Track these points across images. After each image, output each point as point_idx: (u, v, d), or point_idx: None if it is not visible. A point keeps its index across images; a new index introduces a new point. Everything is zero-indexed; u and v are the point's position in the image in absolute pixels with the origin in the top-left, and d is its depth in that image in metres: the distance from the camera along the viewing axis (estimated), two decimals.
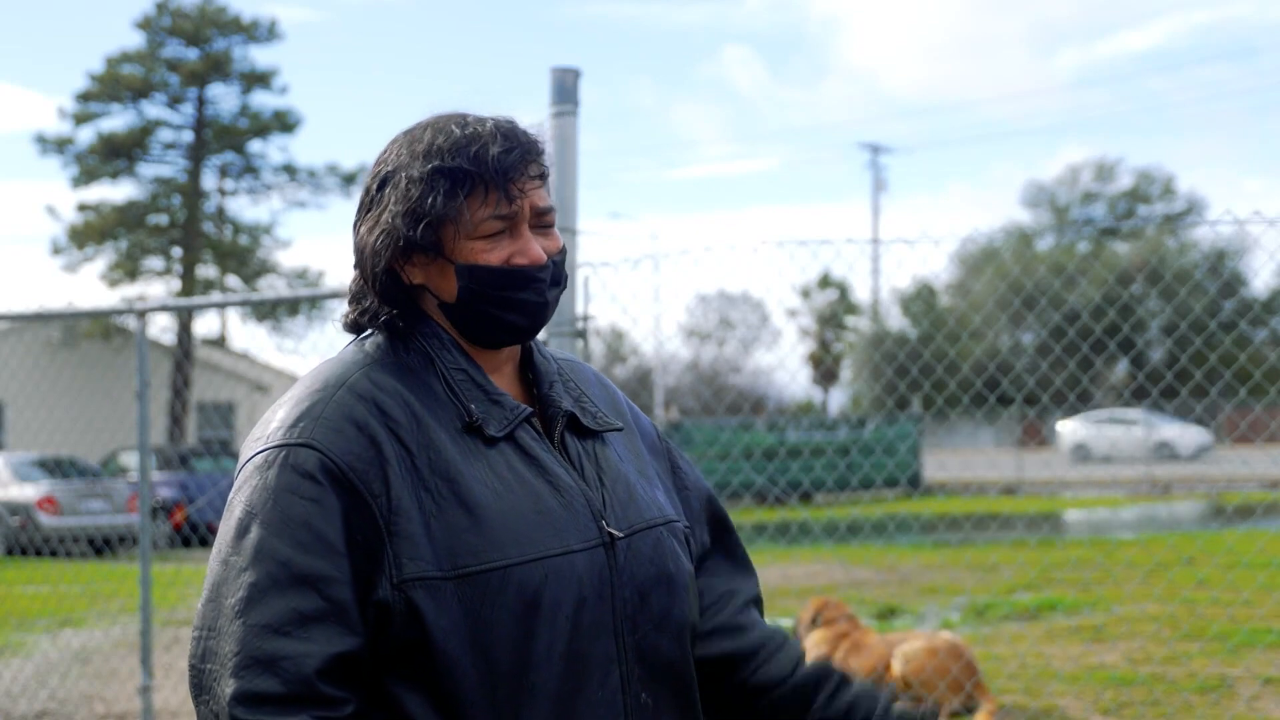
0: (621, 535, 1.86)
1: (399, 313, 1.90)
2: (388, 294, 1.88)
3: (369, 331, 1.94)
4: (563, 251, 1.92)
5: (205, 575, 1.78)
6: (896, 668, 7.31)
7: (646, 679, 1.86)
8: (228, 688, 1.67)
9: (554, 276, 1.90)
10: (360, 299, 1.93)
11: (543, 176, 1.89)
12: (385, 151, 1.90)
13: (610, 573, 1.84)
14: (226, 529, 1.76)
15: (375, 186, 1.88)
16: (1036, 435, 40.12)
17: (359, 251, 1.89)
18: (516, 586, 1.75)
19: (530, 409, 1.88)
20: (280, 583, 1.70)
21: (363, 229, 1.88)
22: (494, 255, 1.85)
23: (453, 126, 1.86)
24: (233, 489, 1.80)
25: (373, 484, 1.74)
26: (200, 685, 1.71)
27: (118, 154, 35.77)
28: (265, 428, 1.82)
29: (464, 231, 1.84)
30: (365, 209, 1.89)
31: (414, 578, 1.72)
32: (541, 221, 1.89)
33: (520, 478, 1.82)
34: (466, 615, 1.73)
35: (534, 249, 1.86)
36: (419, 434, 1.79)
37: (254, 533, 1.72)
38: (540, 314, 1.89)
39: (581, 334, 4.67)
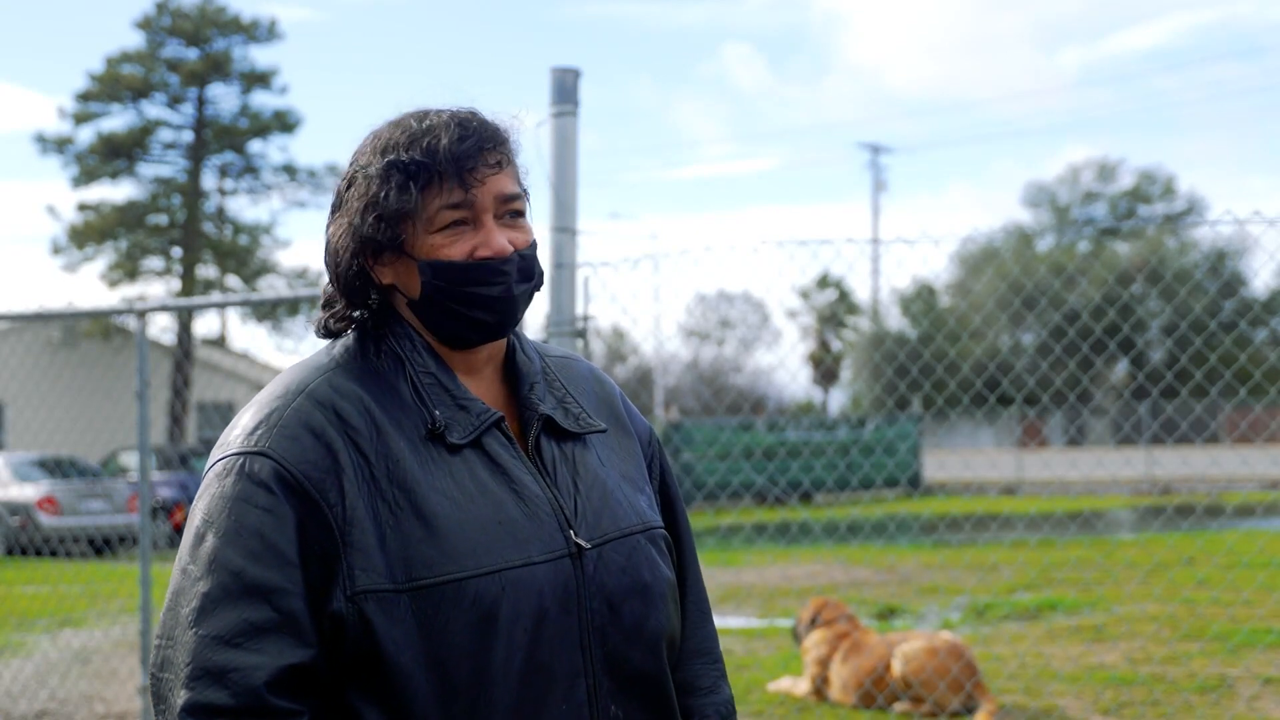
0: (589, 546, 1.81)
1: (371, 314, 1.87)
2: (357, 295, 1.86)
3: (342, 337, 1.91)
4: (533, 245, 1.87)
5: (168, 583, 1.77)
6: (896, 668, 7.31)
7: (616, 692, 1.82)
8: (180, 698, 1.66)
9: (523, 270, 1.85)
10: (332, 303, 1.90)
11: (502, 163, 1.84)
12: (355, 153, 1.88)
13: (577, 584, 1.79)
14: (186, 537, 1.75)
15: (344, 188, 1.86)
16: (1036, 435, 40.11)
17: (326, 253, 1.87)
18: (472, 599, 1.71)
19: (498, 414, 1.83)
20: (232, 593, 1.67)
21: (330, 231, 1.86)
22: (455, 249, 1.81)
23: (411, 121, 1.83)
24: (195, 496, 1.78)
25: (328, 493, 1.71)
26: (159, 694, 1.70)
27: (118, 154, 35.75)
28: (228, 434, 1.80)
29: (423, 226, 1.81)
30: (334, 211, 1.87)
31: (366, 590, 1.70)
32: (508, 209, 1.84)
33: (483, 486, 1.78)
34: (421, 628, 1.70)
35: (497, 240, 1.82)
36: (378, 442, 1.76)
37: (209, 542, 1.71)
38: (508, 309, 1.84)
39: (581, 334, 4.67)
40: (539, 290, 1.91)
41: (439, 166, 1.79)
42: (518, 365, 1.92)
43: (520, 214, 1.86)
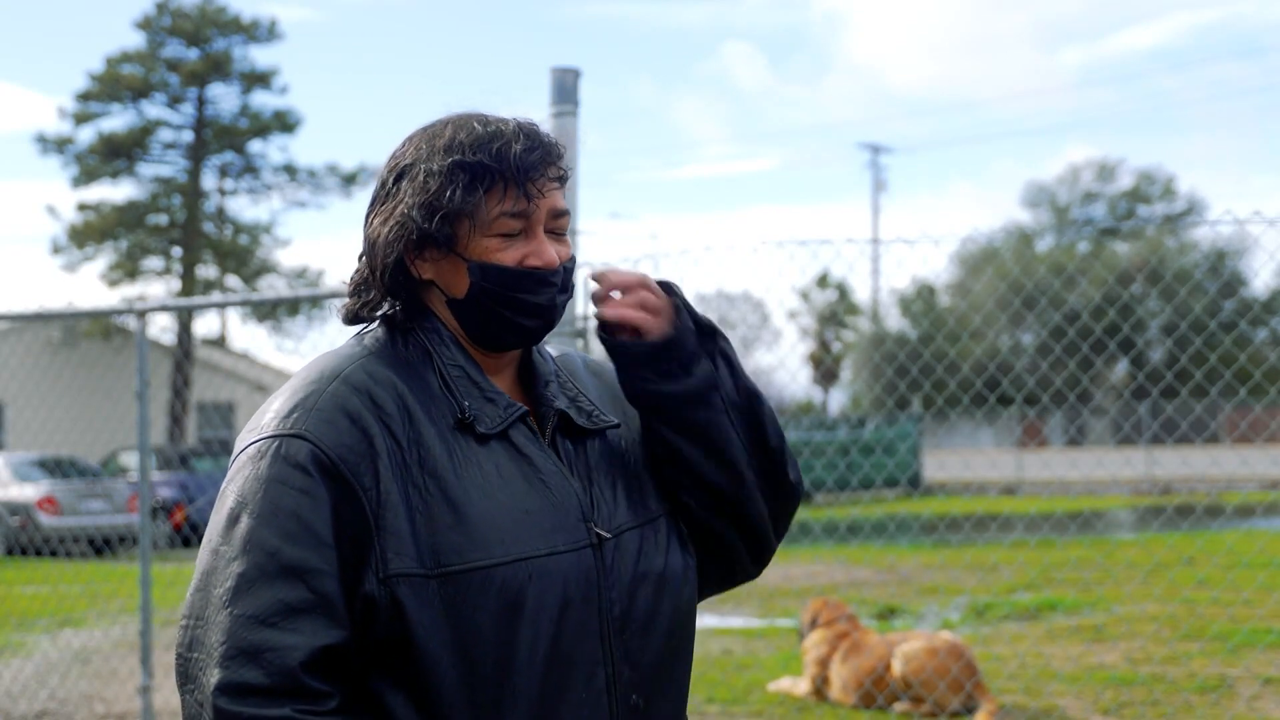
0: (610, 536, 1.85)
1: (402, 307, 1.89)
2: (394, 287, 1.87)
3: (369, 326, 1.93)
4: (573, 259, 1.93)
5: (195, 563, 1.77)
6: (897, 668, 7.31)
7: (636, 680, 1.85)
8: (213, 677, 1.67)
9: (564, 283, 1.90)
10: (363, 291, 1.91)
11: (562, 180, 1.88)
12: (403, 146, 1.90)
13: (598, 574, 1.82)
14: (218, 518, 1.76)
15: (391, 179, 1.87)
16: (1036, 435, 40.10)
17: (370, 243, 1.87)
18: (499, 587, 1.74)
19: (524, 408, 1.87)
20: (268, 573, 1.69)
21: (375, 220, 1.87)
22: (508, 255, 1.84)
23: (474, 124, 1.86)
24: (226, 478, 1.80)
25: (363, 477, 1.74)
26: (186, 674, 1.71)
27: (118, 154, 35.74)
28: (260, 418, 1.81)
29: (479, 228, 1.83)
30: (380, 201, 1.89)
31: (399, 574, 1.72)
32: (556, 226, 1.89)
33: (510, 477, 1.81)
34: (448, 614, 1.73)
35: (548, 251, 1.86)
36: (410, 429, 1.78)
37: (244, 523, 1.72)
38: (549, 318, 1.89)
39: (581, 334, 4.68)
40: (569, 300, 1.95)
41: (507, 173, 1.82)
42: (533, 365, 1.96)
43: (564, 231, 1.91)
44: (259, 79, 36.26)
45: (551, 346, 2.08)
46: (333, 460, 1.73)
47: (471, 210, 1.82)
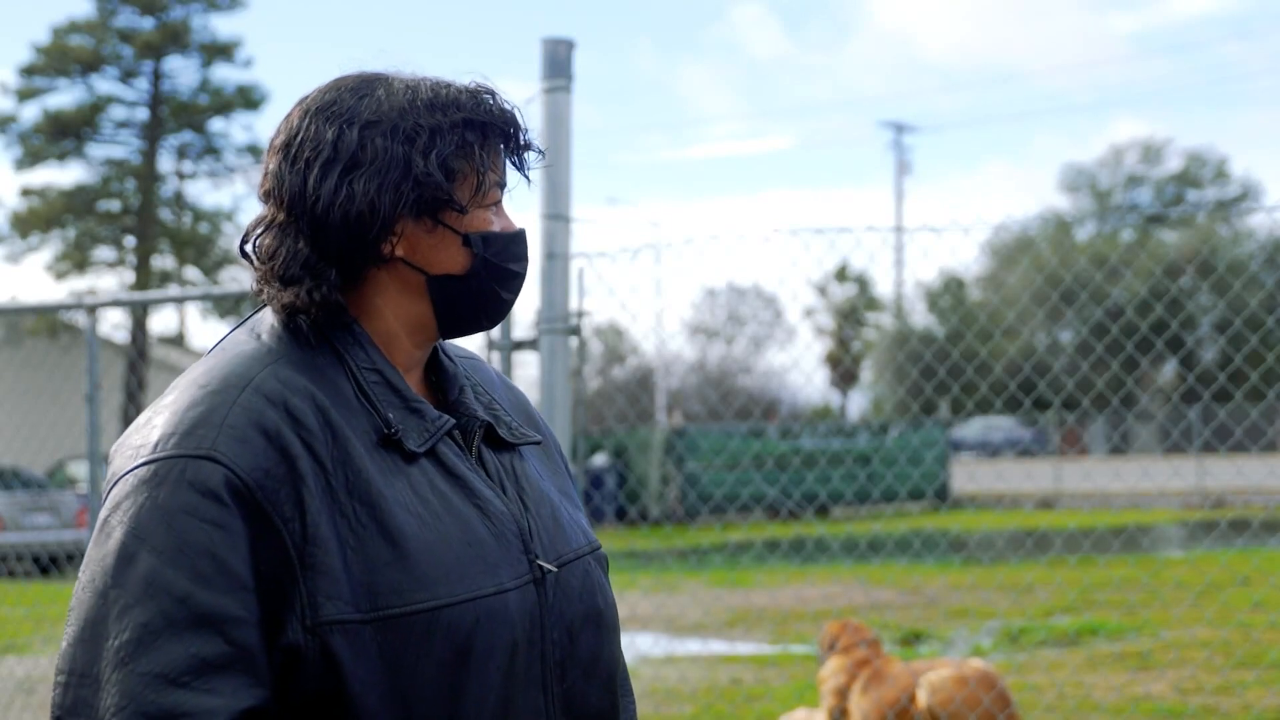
0: (554, 569, 1.77)
1: (332, 293, 1.73)
2: (359, 267, 1.74)
3: (255, 316, 1.79)
4: None
5: (71, 608, 1.61)
6: (922, 699, 7.31)
7: None
8: None
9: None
10: (317, 271, 1.72)
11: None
12: (352, 100, 1.74)
13: (540, 612, 1.74)
14: (103, 555, 1.59)
15: (354, 137, 1.71)
16: (1076, 443, 40.15)
17: (355, 214, 1.69)
18: (445, 631, 1.64)
19: (453, 420, 1.77)
20: (177, 623, 1.54)
21: (356, 184, 1.70)
22: (496, 227, 1.80)
23: (446, 81, 1.78)
24: (106, 506, 1.63)
25: (284, 506, 1.60)
26: None
27: (65, 133, 35.81)
28: (147, 434, 1.65)
29: (479, 195, 1.77)
30: (338, 164, 1.71)
31: (331, 620, 1.60)
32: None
33: (446, 501, 1.71)
34: (387, 664, 1.61)
35: (516, 227, 1.84)
36: (335, 448, 1.65)
37: (143, 562, 1.56)
38: (519, 292, 1.86)
39: (575, 331, 4.67)
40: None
41: (512, 136, 1.79)
42: (442, 366, 1.87)
43: None
44: (220, 50, 36.32)
45: (454, 345, 1.96)
46: (249, 487, 1.59)
47: (484, 174, 1.76)
